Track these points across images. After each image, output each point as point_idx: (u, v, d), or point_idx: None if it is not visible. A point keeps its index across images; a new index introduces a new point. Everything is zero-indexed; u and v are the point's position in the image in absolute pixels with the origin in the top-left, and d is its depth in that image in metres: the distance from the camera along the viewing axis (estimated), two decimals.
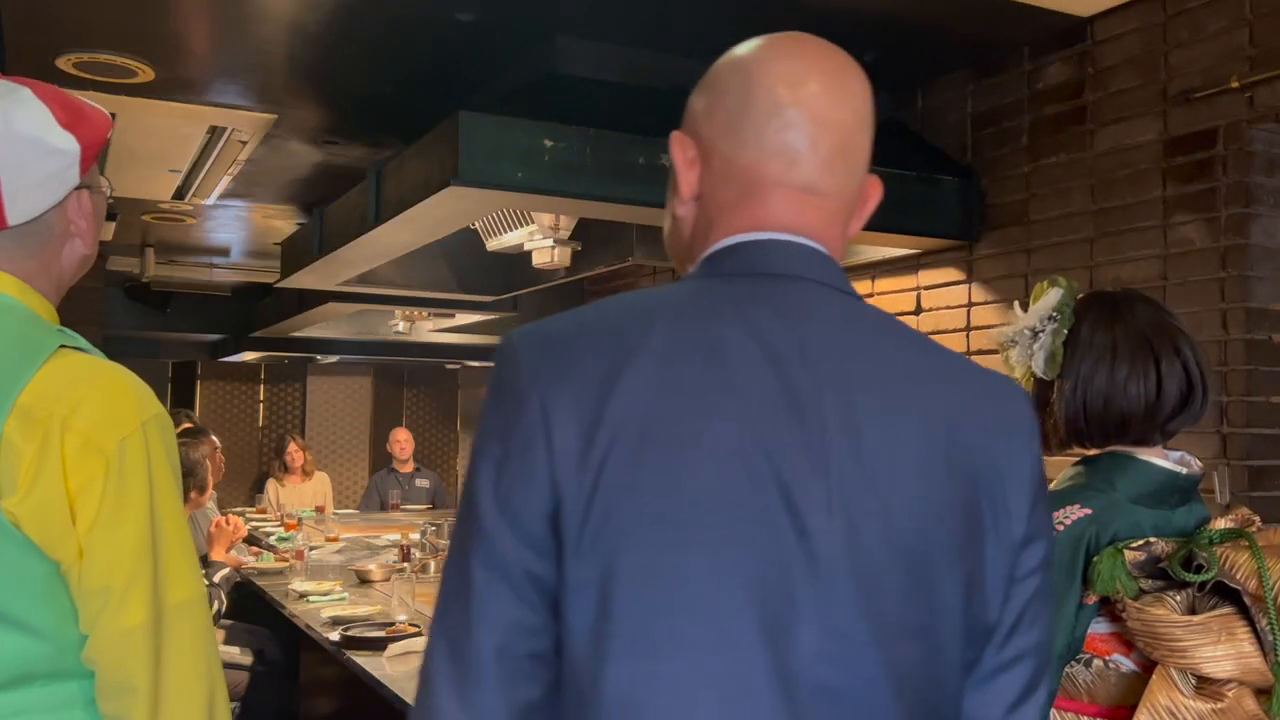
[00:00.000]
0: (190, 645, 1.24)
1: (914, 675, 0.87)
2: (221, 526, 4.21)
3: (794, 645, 0.84)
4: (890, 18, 2.92)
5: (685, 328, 0.89)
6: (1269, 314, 2.61)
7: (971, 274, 3.31)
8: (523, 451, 0.85)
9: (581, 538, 0.83)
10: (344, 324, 6.92)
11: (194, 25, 3.05)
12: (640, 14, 2.87)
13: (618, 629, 0.83)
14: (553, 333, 0.90)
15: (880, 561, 0.86)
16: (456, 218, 3.24)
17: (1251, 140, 2.59)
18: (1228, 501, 2.58)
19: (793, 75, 0.96)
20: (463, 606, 0.86)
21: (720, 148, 0.97)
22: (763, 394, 0.86)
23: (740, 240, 0.96)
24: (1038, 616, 0.95)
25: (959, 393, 0.93)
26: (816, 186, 0.96)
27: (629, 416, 0.84)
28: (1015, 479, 0.93)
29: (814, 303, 0.93)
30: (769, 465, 0.85)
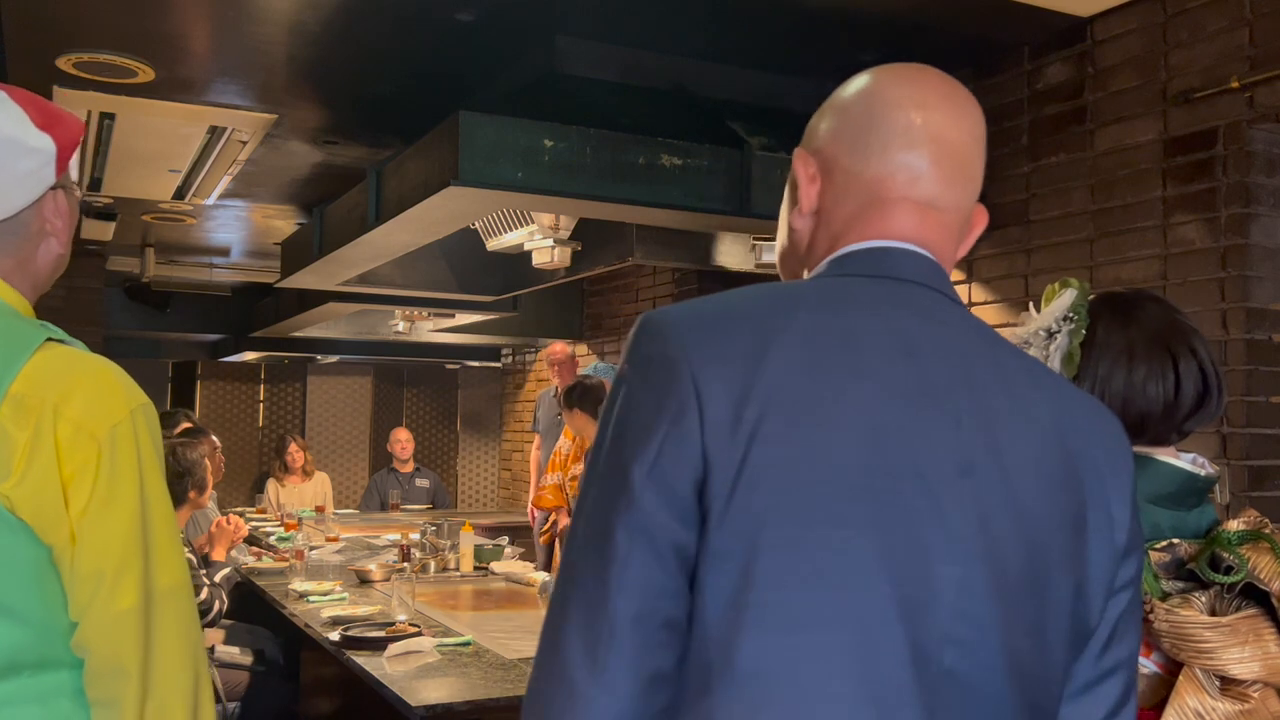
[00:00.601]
0: (178, 629, 1.27)
1: (1027, 669, 0.90)
2: (222, 526, 4.21)
3: (928, 624, 0.86)
4: (890, 18, 2.92)
5: (825, 315, 0.92)
6: (1269, 314, 2.61)
7: (971, 274, 3.31)
8: (675, 420, 0.86)
9: (728, 508, 0.85)
10: (344, 324, 6.92)
11: (194, 25, 3.05)
12: (640, 14, 2.87)
13: (757, 599, 0.84)
14: (700, 312, 0.92)
15: (1008, 554, 0.89)
16: (456, 218, 3.25)
17: (1251, 140, 2.59)
18: (1228, 501, 2.58)
19: (915, 98, 1.01)
20: (602, 570, 0.86)
21: (845, 164, 1.02)
22: (900, 383, 0.90)
23: (868, 246, 1.00)
24: (1129, 629, 0.97)
25: (1063, 403, 0.97)
26: (937, 201, 1.01)
27: (776, 393, 0.87)
28: (1118, 490, 0.96)
29: (937, 307, 0.97)
30: (908, 450, 0.88)
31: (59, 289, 6.76)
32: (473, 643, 3.06)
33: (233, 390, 9.64)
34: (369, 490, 8.08)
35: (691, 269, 4.92)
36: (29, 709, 1.22)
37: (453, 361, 8.97)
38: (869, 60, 3.20)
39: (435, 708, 2.46)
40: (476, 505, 9.28)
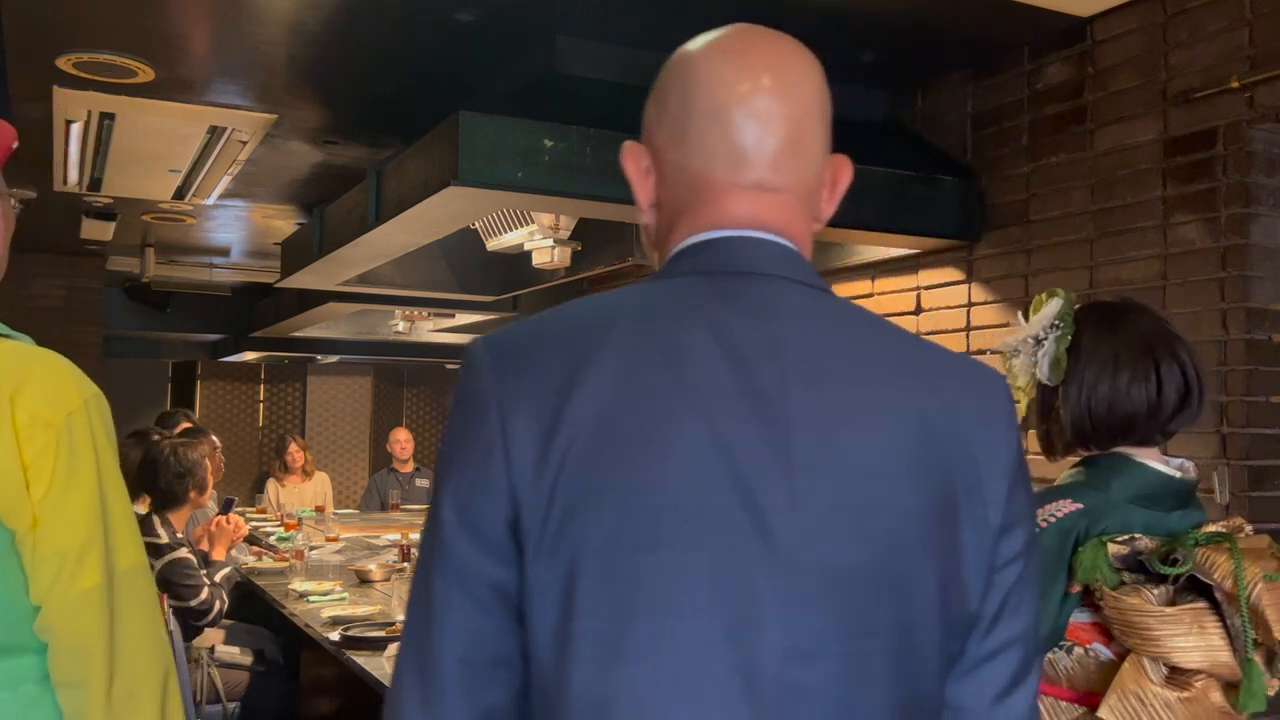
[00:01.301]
0: (141, 609, 1.31)
1: (889, 671, 0.87)
2: (222, 526, 4.21)
3: (760, 644, 0.83)
4: (890, 18, 2.92)
5: (645, 328, 0.89)
6: (1269, 314, 2.61)
7: (971, 274, 3.31)
8: (481, 461, 0.86)
9: (542, 542, 0.84)
10: (344, 324, 6.92)
11: (194, 25, 3.05)
12: (640, 14, 2.87)
13: (581, 631, 0.83)
14: (514, 339, 0.91)
15: (848, 557, 0.86)
16: (456, 218, 3.24)
17: (1251, 140, 2.59)
18: (1227, 502, 2.58)
19: (730, 75, 0.96)
20: (425, 616, 0.87)
21: (669, 155, 0.98)
22: (724, 392, 0.86)
23: (700, 239, 0.96)
24: (1021, 604, 0.94)
25: (935, 384, 0.93)
26: (768, 183, 0.95)
27: (586, 420, 0.85)
28: (991, 466, 0.93)
29: (779, 299, 0.92)
30: (728, 464, 0.85)
31: (59, 289, 6.76)
32: None
33: (233, 390, 9.64)
34: (369, 490, 8.08)
35: None
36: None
37: (453, 361, 8.96)
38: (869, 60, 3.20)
39: None
40: None
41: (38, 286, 6.56)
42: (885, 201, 3.13)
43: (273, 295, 6.95)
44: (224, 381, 9.58)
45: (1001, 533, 0.93)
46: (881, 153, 3.24)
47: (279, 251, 5.25)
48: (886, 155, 3.22)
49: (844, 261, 3.74)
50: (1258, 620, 1.49)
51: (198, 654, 3.95)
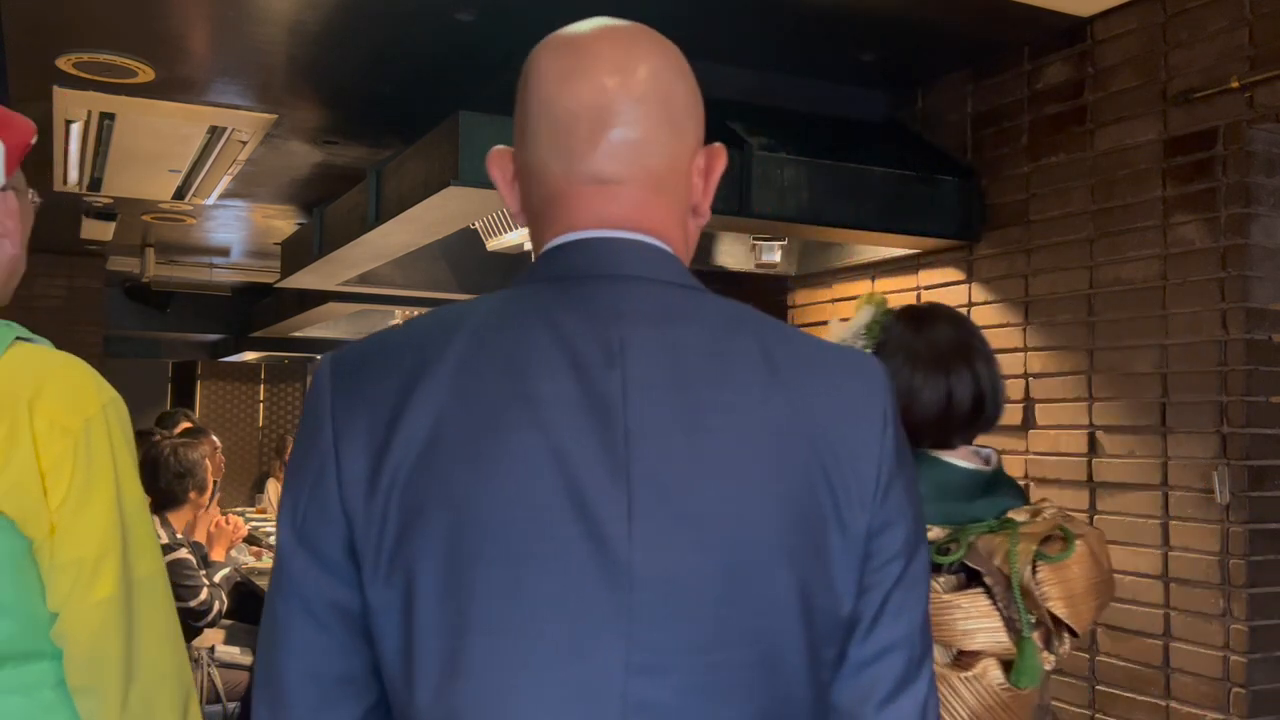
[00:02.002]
0: (158, 616, 1.30)
1: (746, 681, 0.84)
2: (221, 527, 4.21)
3: (601, 659, 0.81)
4: (890, 18, 2.92)
5: (486, 338, 0.86)
6: (1269, 314, 2.61)
7: (971, 274, 3.31)
8: (316, 482, 0.85)
9: (379, 563, 0.83)
10: (344, 324, 6.92)
11: (194, 25, 3.05)
12: (640, 14, 2.86)
13: (421, 650, 0.82)
14: (356, 355, 0.89)
15: (693, 567, 0.83)
16: (456, 218, 3.24)
17: (1251, 140, 2.59)
18: (1227, 502, 2.58)
19: (559, 68, 0.92)
20: (270, 639, 0.87)
21: (521, 159, 0.96)
22: (564, 402, 0.83)
23: (554, 244, 0.93)
24: (904, 605, 0.91)
25: (799, 381, 0.89)
26: (603, 175, 0.91)
27: (419, 435, 0.83)
28: (859, 465, 0.89)
29: (630, 300, 0.89)
30: (564, 476, 0.82)
31: (59, 288, 6.76)
32: None
33: (233, 390, 9.64)
34: None
35: (691, 269, 4.92)
36: (12, 700, 1.23)
37: None
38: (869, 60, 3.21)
39: None
40: None
41: (38, 286, 6.56)
42: (885, 201, 3.13)
43: (273, 295, 6.95)
44: (224, 381, 9.58)
45: (876, 532, 0.89)
46: (881, 153, 3.24)
47: (279, 251, 5.25)
48: (886, 155, 3.22)
49: (844, 261, 3.74)
50: (1031, 601, 1.58)
51: (198, 654, 3.95)
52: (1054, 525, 1.67)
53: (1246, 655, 2.54)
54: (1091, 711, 2.88)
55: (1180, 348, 2.71)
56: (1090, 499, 2.91)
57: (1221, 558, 2.59)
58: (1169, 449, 2.72)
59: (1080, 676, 2.91)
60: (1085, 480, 2.92)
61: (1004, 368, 3.15)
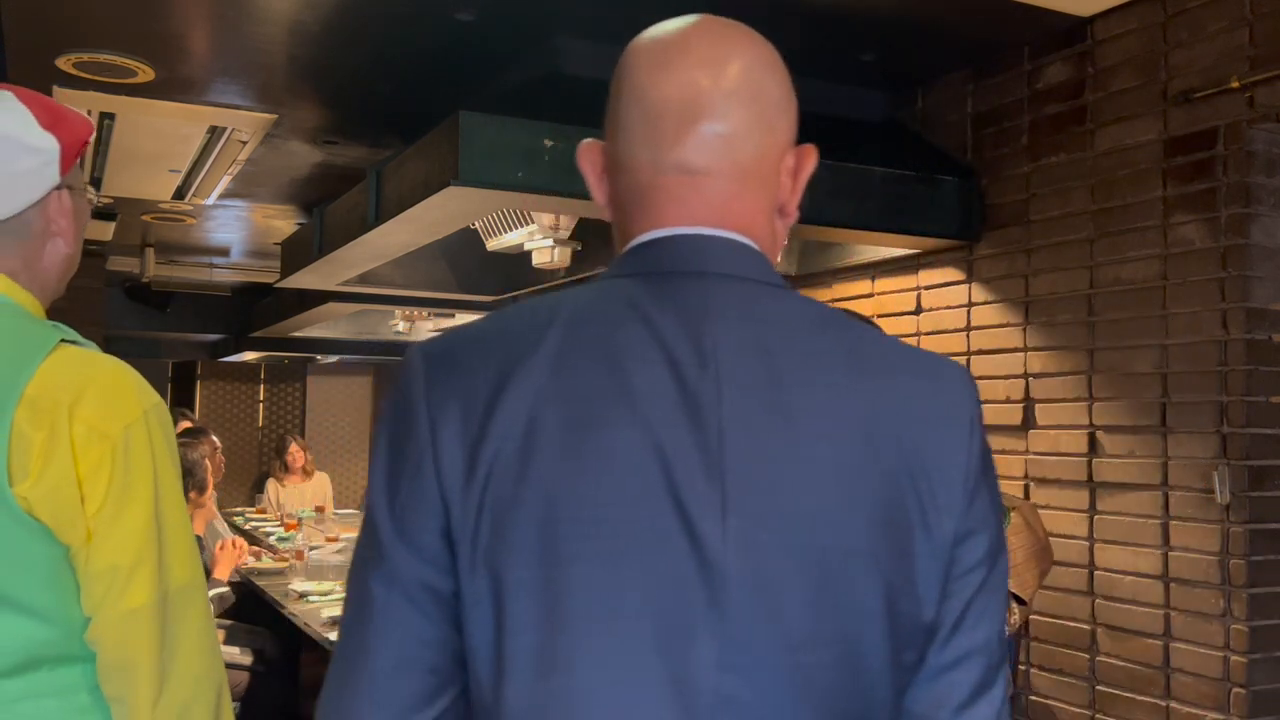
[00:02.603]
0: (194, 626, 1.28)
1: (829, 682, 0.85)
2: (228, 548, 4.23)
3: (691, 655, 0.82)
4: (890, 18, 2.92)
5: (580, 331, 0.87)
6: (1269, 314, 2.61)
7: (971, 274, 3.31)
8: (414, 472, 0.85)
9: (474, 554, 0.83)
10: (344, 324, 6.93)
11: (194, 25, 3.05)
12: (640, 14, 2.86)
13: (513, 643, 0.83)
14: (448, 346, 0.89)
15: (782, 567, 0.83)
16: (456, 218, 3.24)
17: (1251, 140, 2.59)
18: (1228, 502, 2.58)
19: (655, 59, 0.93)
20: (362, 624, 0.87)
21: (610, 148, 0.96)
22: (660, 398, 0.84)
23: (644, 239, 0.93)
24: (984, 613, 0.91)
25: (886, 384, 0.89)
26: (690, 166, 0.91)
27: (515, 428, 0.83)
28: (946, 471, 0.89)
29: (719, 298, 0.89)
30: (660, 471, 0.83)
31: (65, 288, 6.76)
32: None
33: (233, 390, 9.64)
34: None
35: None
36: (48, 702, 1.24)
37: None
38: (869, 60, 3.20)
39: None
40: None
41: None
42: (885, 201, 3.13)
43: (273, 295, 6.95)
44: (224, 381, 9.58)
45: (960, 539, 0.89)
46: (881, 153, 3.24)
47: (279, 251, 5.25)
48: (886, 155, 3.22)
49: (844, 261, 3.74)
50: None
51: None
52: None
53: (1246, 655, 2.54)
54: (1091, 711, 2.88)
55: (1180, 348, 2.71)
56: (1090, 499, 2.91)
57: (1221, 558, 2.59)
58: (1169, 449, 2.72)
59: (1080, 676, 2.91)
60: (1085, 480, 2.92)
61: (1004, 368, 3.16)
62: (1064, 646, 2.96)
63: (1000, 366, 3.18)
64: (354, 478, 9.67)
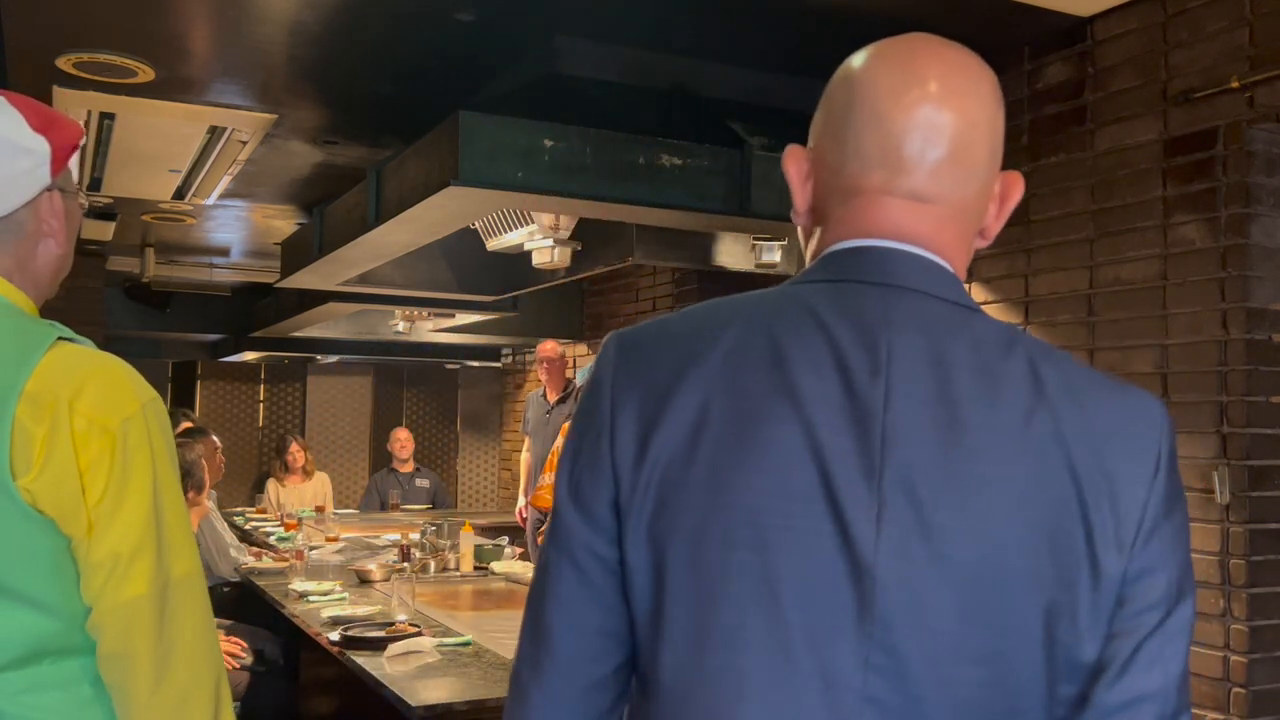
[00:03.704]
0: (193, 616, 1.31)
1: (978, 700, 0.85)
2: None
3: (838, 653, 0.84)
4: (890, 18, 2.92)
5: (758, 332, 0.91)
6: (1269, 314, 2.61)
7: (971, 274, 3.31)
8: (593, 445, 0.92)
9: (639, 525, 0.89)
10: (344, 324, 6.92)
11: (194, 25, 3.05)
12: (640, 14, 2.87)
13: (669, 614, 0.88)
14: (639, 334, 0.96)
15: (934, 579, 0.84)
16: (456, 218, 3.25)
17: (1251, 140, 2.59)
18: (1227, 501, 2.58)
19: (895, 84, 0.96)
20: (540, 585, 0.95)
21: (828, 160, 0.98)
22: (825, 401, 0.86)
23: (841, 247, 0.95)
24: (1159, 658, 0.87)
25: (1077, 412, 0.88)
26: (923, 194, 0.94)
27: (687, 417, 0.89)
28: (1122, 505, 0.87)
29: (902, 310, 0.90)
30: (819, 471, 0.85)
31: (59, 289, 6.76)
32: (473, 643, 3.06)
33: (233, 390, 9.64)
34: (369, 490, 8.08)
35: (691, 269, 4.92)
36: (51, 694, 1.26)
37: (453, 361, 8.96)
38: None
39: (435, 708, 2.46)
40: (476, 505, 9.28)
41: None
42: None
43: (273, 295, 6.95)
44: (224, 381, 9.58)
45: (1134, 578, 0.87)
46: None
47: (279, 251, 5.25)
48: None
49: None
50: None
51: None
52: None
53: (1246, 655, 2.54)
54: None
55: (1180, 348, 2.71)
56: None
57: (1221, 558, 2.59)
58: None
59: None
60: None
61: None
62: None
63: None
64: (354, 478, 9.67)
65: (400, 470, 7.92)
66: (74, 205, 1.44)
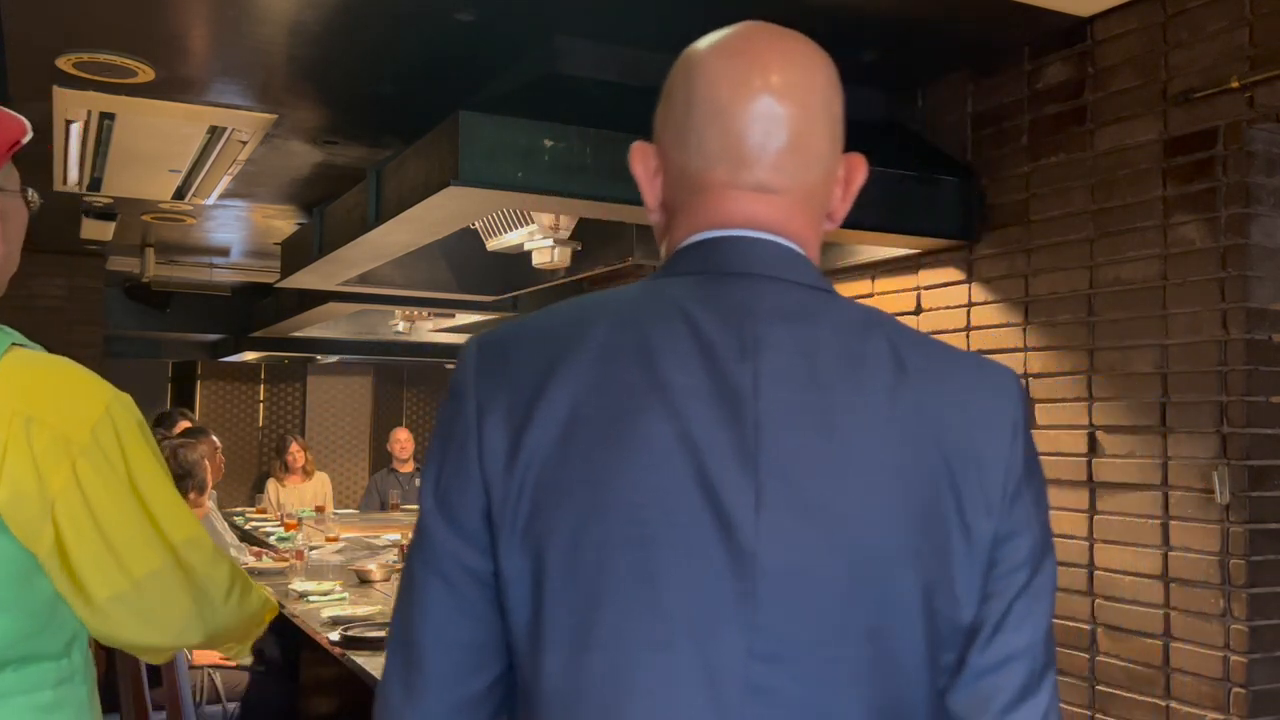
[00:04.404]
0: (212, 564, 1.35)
1: (864, 678, 0.85)
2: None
3: (723, 643, 0.84)
4: (890, 18, 2.92)
5: (625, 327, 0.90)
6: (1269, 314, 2.61)
7: (971, 274, 3.31)
8: (459, 452, 0.90)
9: (513, 533, 0.87)
10: (344, 324, 6.92)
11: (194, 25, 3.05)
12: (640, 14, 2.87)
13: (551, 621, 0.86)
14: (501, 337, 0.94)
15: (817, 561, 0.85)
16: (456, 218, 3.24)
17: (1251, 140, 2.59)
18: (1227, 502, 2.58)
19: (732, 74, 0.95)
20: (407, 601, 0.92)
21: (673, 156, 0.98)
22: (695, 392, 0.86)
23: (696, 239, 0.96)
24: (1027, 616, 0.91)
25: (937, 386, 0.91)
26: (768, 185, 0.95)
27: (558, 417, 0.87)
28: (987, 472, 0.90)
29: (767, 299, 0.91)
30: (695, 463, 0.85)
31: (59, 288, 6.76)
32: None
33: (233, 390, 9.64)
34: (369, 490, 8.08)
35: None
36: (14, 700, 1.24)
37: (453, 361, 8.94)
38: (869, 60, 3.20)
39: None
40: None
41: (38, 286, 6.56)
42: (885, 201, 3.13)
43: (273, 295, 6.94)
44: (224, 381, 9.58)
45: (1001, 540, 0.90)
46: (881, 153, 3.23)
47: (279, 251, 5.25)
48: (886, 155, 3.22)
49: (844, 261, 3.74)
50: None
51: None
52: None
53: (1247, 655, 2.54)
54: (1091, 711, 2.88)
55: (1180, 348, 2.71)
56: (1090, 499, 2.91)
57: (1221, 558, 2.59)
58: (1169, 449, 2.72)
59: (1080, 676, 2.91)
60: (1085, 480, 2.92)
61: None
62: (1064, 646, 2.96)
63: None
64: (354, 478, 9.67)
65: (400, 470, 7.93)
66: (17, 203, 1.40)
